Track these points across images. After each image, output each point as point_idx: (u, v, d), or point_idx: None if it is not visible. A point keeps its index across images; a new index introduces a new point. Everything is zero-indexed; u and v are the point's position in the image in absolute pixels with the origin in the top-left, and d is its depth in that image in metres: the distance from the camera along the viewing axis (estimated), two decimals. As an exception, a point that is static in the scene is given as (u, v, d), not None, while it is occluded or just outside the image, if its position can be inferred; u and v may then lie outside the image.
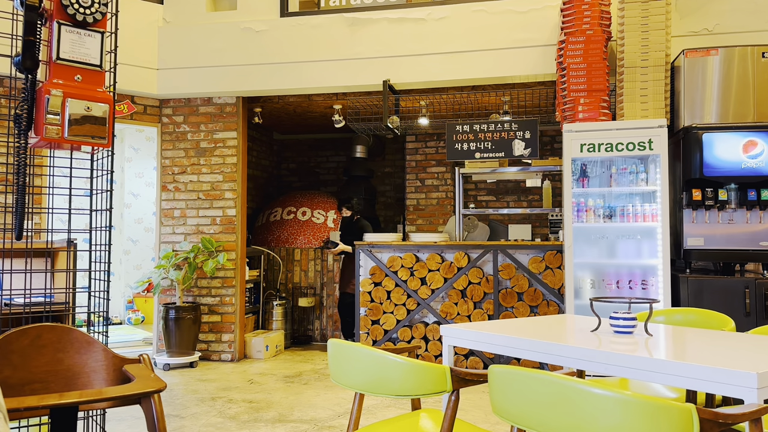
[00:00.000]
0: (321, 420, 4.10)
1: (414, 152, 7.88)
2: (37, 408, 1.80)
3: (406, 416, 2.25)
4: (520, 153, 5.36)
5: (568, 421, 1.44)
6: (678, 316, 2.84)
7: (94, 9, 2.64)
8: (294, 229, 7.20)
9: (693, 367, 1.69)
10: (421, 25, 5.54)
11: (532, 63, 5.30)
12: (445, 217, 7.70)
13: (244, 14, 5.99)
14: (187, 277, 5.84)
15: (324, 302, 7.02)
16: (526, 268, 5.23)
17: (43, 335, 2.19)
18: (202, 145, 6.20)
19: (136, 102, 6.08)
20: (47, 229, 2.98)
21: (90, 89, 2.65)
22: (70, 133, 2.58)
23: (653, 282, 4.49)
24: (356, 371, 1.98)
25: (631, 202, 4.59)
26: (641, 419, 1.34)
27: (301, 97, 6.20)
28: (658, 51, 4.58)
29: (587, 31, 4.72)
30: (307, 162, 8.97)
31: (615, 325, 2.26)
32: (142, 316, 8.22)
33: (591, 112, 4.69)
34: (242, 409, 4.37)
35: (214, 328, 6.11)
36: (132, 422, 4.04)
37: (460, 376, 1.86)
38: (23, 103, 2.57)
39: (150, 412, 1.96)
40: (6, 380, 2.08)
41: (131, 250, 8.60)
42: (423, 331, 5.49)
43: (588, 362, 1.94)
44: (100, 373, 2.23)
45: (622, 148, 4.44)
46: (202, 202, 6.19)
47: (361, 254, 5.65)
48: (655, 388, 2.62)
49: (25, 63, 2.53)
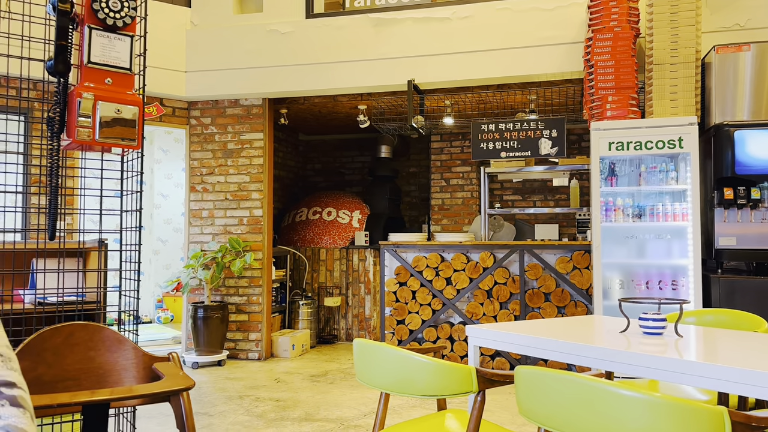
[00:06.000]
0: (347, 419, 4.11)
1: (439, 152, 7.86)
2: (70, 405, 1.84)
3: (431, 416, 2.24)
4: (547, 152, 5.31)
5: (595, 422, 1.42)
6: (709, 317, 2.79)
7: (123, 13, 2.69)
8: (319, 229, 7.24)
9: (725, 369, 1.66)
10: (445, 24, 5.53)
11: (558, 61, 5.25)
12: (470, 217, 7.67)
13: (269, 16, 6.04)
14: (215, 276, 5.91)
15: (349, 302, 7.04)
16: (553, 268, 5.18)
17: (76, 333, 2.23)
18: (230, 147, 6.27)
19: (165, 104, 6.17)
20: (79, 229, 3.04)
21: (120, 92, 2.70)
22: (100, 135, 2.63)
23: (684, 282, 4.41)
24: (382, 371, 1.98)
25: (660, 201, 4.52)
26: (671, 422, 1.32)
27: (327, 98, 6.23)
28: (688, 47, 4.50)
29: (615, 28, 4.66)
30: (332, 162, 9.01)
31: (644, 326, 2.22)
32: (172, 314, 8.34)
33: (619, 110, 4.63)
34: (269, 407, 4.41)
35: (242, 327, 6.17)
36: (161, 420, 4.11)
37: (485, 377, 1.85)
38: (56, 106, 2.63)
39: (179, 409, 1.99)
40: (40, 377, 2.13)
41: (161, 250, 8.73)
42: (448, 332, 5.47)
43: (616, 363, 1.92)
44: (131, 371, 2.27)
45: (652, 146, 4.37)
46: (229, 202, 6.25)
47: (386, 254, 5.65)
48: (686, 391, 2.58)
49: (57, 67, 2.59)
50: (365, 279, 6.95)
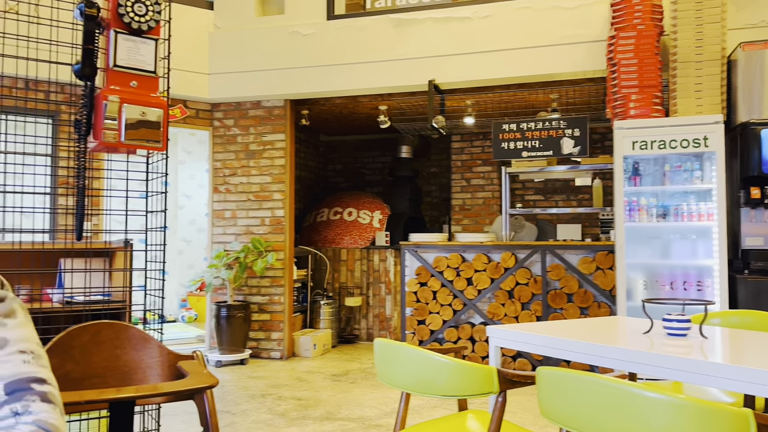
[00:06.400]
0: (368, 418, 4.12)
1: (460, 152, 7.84)
2: (97, 402, 1.88)
3: (452, 417, 2.24)
4: (569, 151, 5.27)
5: (618, 424, 1.42)
6: (735, 319, 2.74)
7: (148, 17, 2.73)
8: (340, 229, 7.27)
9: (751, 370, 1.63)
10: (466, 24, 5.51)
11: (580, 59, 5.20)
12: (491, 217, 7.63)
13: (291, 18, 6.09)
14: (238, 276, 5.97)
15: (370, 302, 7.06)
16: (575, 268, 5.14)
17: (102, 332, 2.27)
18: (252, 148, 6.33)
19: (189, 106, 6.25)
20: (105, 230, 3.09)
21: (145, 94, 2.74)
22: (126, 137, 2.67)
23: (709, 283, 4.35)
24: (403, 371, 1.99)
25: (685, 201, 4.46)
26: (695, 424, 1.30)
27: (347, 99, 6.25)
28: (713, 45, 4.43)
29: (638, 26, 4.61)
30: (352, 163, 9.04)
31: (668, 327, 2.20)
32: (195, 314, 8.44)
33: (643, 109, 4.57)
34: (291, 406, 4.44)
35: (264, 327, 6.22)
36: (185, 417, 4.16)
37: (507, 378, 1.85)
38: (83, 109, 2.68)
39: (203, 407, 2.02)
40: (68, 374, 2.17)
41: (184, 250, 8.84)
42: (469, 332, 5.45)
43: (639, 365, 1.90)
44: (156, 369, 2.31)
45: (676, 145, 4.31)
46: (251, 203, 6.31)
47: (406, 254, 5.66)
48: (711, 393, 2.54)
49: (84, 70, 2.64)
50: (386, 279, 6.96)
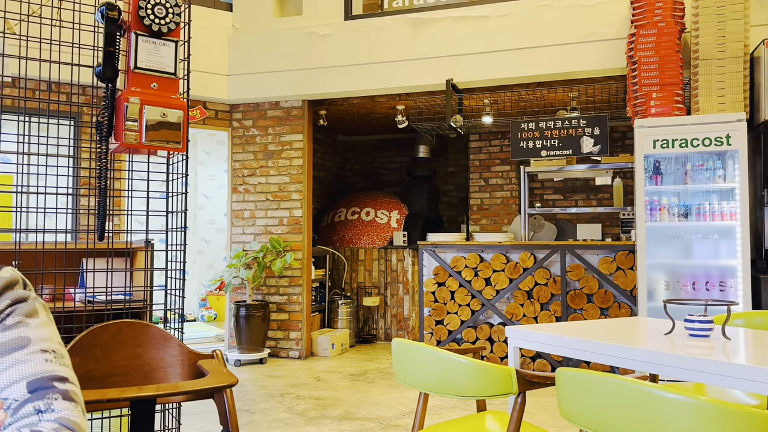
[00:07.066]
0: (386, 418, 4.13)
1: (478, 151, 7.81)
2: (118, 400, 1.90)
3: (471, 417, 2.24)
4: (589, 150, 5.22)
5: (639, 426, 1.40)
6: (758, 319, 2.70)
7: (168, 19, 2.76)
8: (358, 229, 7.28)
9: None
10: (484, 23, 5.49)
11: (600, 57, 5.15)
12: (509, 216, 7.59)
13: (309, 19, 6.11)
14: (257, 276, 6.00)
15: (388, 302, 7.06)
16: (595, 268, 5.09)
17: (123, 331, 2.30)
18: (270, 148, 6.36)
19: (208, 107, 6.30)
20: (126, 230, 3.13)
21: (165, 96, 2.77)
22: (147, 138, 2.70)
23: (732, 283, 4.28)
24: (420, 371, 1.99)
25: (707, 200, 4.39)
26: (717, 426, 1.28)
27: (365, 99, 6.26)
28: (735, 42, 4.36)
29: (659, 24, 4.55)
30: (370, 163, 9.05)
31: (690, 328, 2.17)
32: (215, 313, 8.51)
33: (664, 107, 4.52)
34: (309, 405, 4.46)
35: (282, 326, 6.25)
36: (205, 416, 4.20)
37: (526, 378, 1.84)
38: (104, 111, 2.71)
39: (222, 406, 2.03)
40: (90, 372, 2.20)
41: (204, 250, 8.92)
42: (488, 333, 5.43)
43: (661, 366, 1.88)
44: (176, 367, 2.33)
45: (698, 143, 4.25)
46: (270, 203, 6.35)
47: (424, 254, 5.65)
48: (734, 394, 2.50)
49: (105, 73, 2.67)
50: (404, 279, 6.96)
